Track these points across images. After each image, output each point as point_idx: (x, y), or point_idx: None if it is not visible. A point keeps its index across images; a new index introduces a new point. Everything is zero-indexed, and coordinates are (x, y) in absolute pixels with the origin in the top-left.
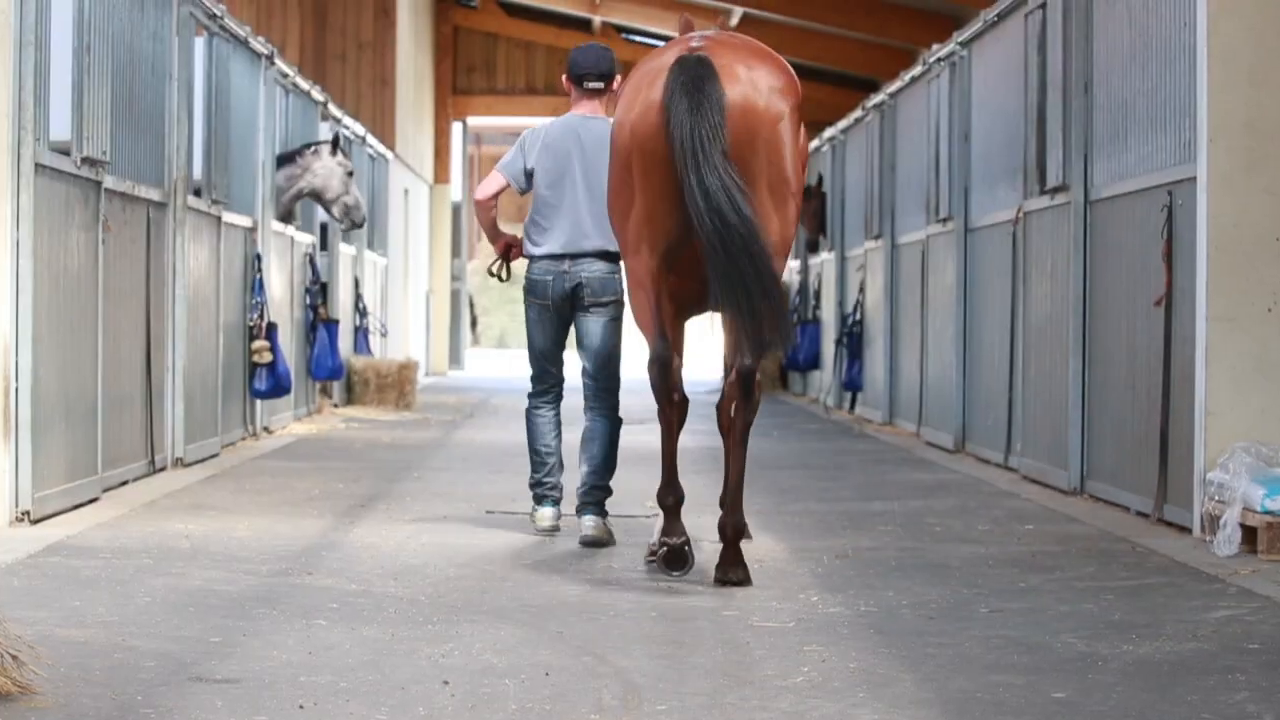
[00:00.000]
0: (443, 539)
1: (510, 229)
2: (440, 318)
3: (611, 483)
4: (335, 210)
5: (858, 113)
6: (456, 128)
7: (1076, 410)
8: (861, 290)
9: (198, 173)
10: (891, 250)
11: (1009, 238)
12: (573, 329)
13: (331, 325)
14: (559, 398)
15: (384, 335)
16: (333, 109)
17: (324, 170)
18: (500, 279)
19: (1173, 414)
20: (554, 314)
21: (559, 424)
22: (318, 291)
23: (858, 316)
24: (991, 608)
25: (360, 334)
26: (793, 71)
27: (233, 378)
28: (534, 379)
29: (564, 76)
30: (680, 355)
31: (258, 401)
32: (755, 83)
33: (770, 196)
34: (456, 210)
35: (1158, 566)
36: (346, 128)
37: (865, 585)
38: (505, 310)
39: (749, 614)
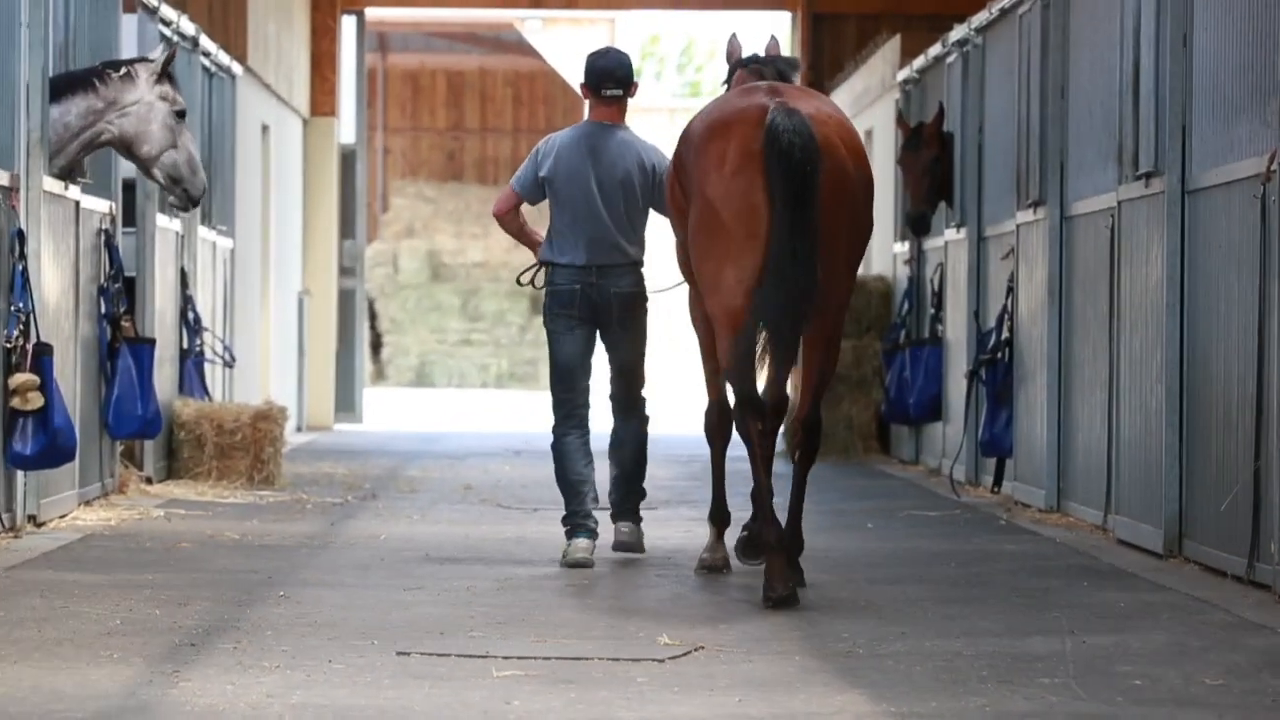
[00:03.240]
0: (328, 699)
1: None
2: (322, 336)
3: (645, 484)
4: (157, 173)
5: (1005, 1)
6: (347, 26)
7: None
8: (1010, 292)
9: None
10: (1060, 226)
11: (1253, 203)
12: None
13: (142, 349)
14: (585, 422)
15: (229, 365)
16: None
17: (140, 108)
18: (535, 286)
19: None
20: (579, 323)
21: (589, 451)
22: (119, 293)
23: (1005, 335)
24: None
25: (190, 363)
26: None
27: None
28: (557, 404)
29: (580, 84)
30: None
31: (19, 473)
32: (843, 146)
33: (847, 261)
34: (349, 161)
35: None
36: (174, 31)
37: None
38: (427, 323)
39: None
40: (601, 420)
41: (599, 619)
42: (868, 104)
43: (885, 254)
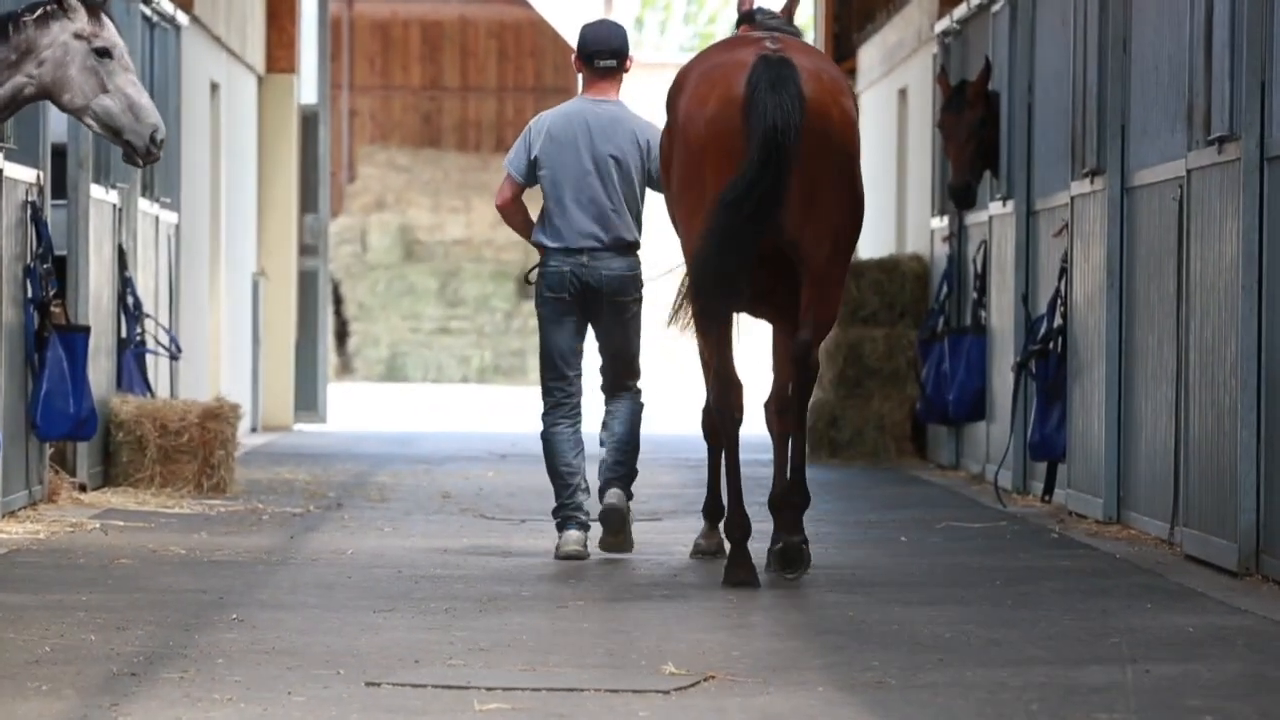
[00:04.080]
0: None
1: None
2: (280, 324)
3: (637, 465)
4: (91, 124)
5: None
6: None
7: None
8: (1064, 274)
9: None
10: (1121, 198)
11: None
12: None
13: (75, 338)
14: (576, 411)
15: (174, 357)
16: None
17: (54, 51)
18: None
19: None
20: (570, 307)
21: (580, 441)
22: (48, 275)
23: (1057, 323)
24: None
25: (129, 355)
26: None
27: None
28: (546, 392)
29: (573, 56)
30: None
31: None
32: (832, 88)
33: (849, 195)
34: (310, 124)
35: None
36: None
37: None
38: (400, 308)
39: None
40: (593, 415)
41: (595, 644)
42: (902, 59)
43: (922, 230)
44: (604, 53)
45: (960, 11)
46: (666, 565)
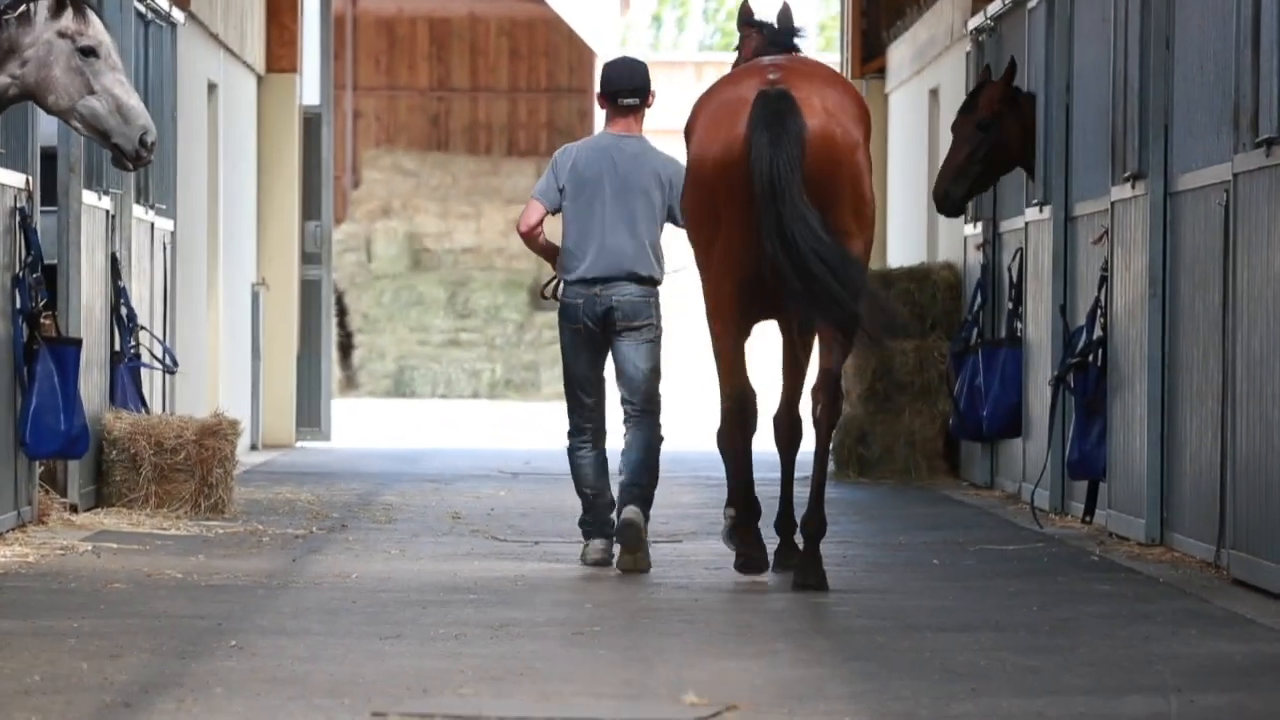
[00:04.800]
0: None
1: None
2: (281, 337)
3: (654, 493)
4: (78, 126)
5: None
6: None
7: None
8: (1104, 283)
9: None
10: (1164, 203)
11: None
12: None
13: (65, 351)
14: (600, 433)
15: (170, 371)
16: None
17: (37, 50)
18: (558, 299)
19: None
20: (588, 338)
21: (603, 461)
22: (37, 285)
23: (1097, 334)
24: None
25: (123, 369)
26: (862, 97)
27: None
28: (571, 413)
29: (596, 93)
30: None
31: None
32: (833, 113)
33: (853, 218)
34: (312, 126)
35: None
36: None
37: None
38: (407, 320)
39: None
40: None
41: (612, 672)
42: (933, 57)
43: (954, 237)
44: (626, 91)
45: (995, 7)
46: (687, 588)
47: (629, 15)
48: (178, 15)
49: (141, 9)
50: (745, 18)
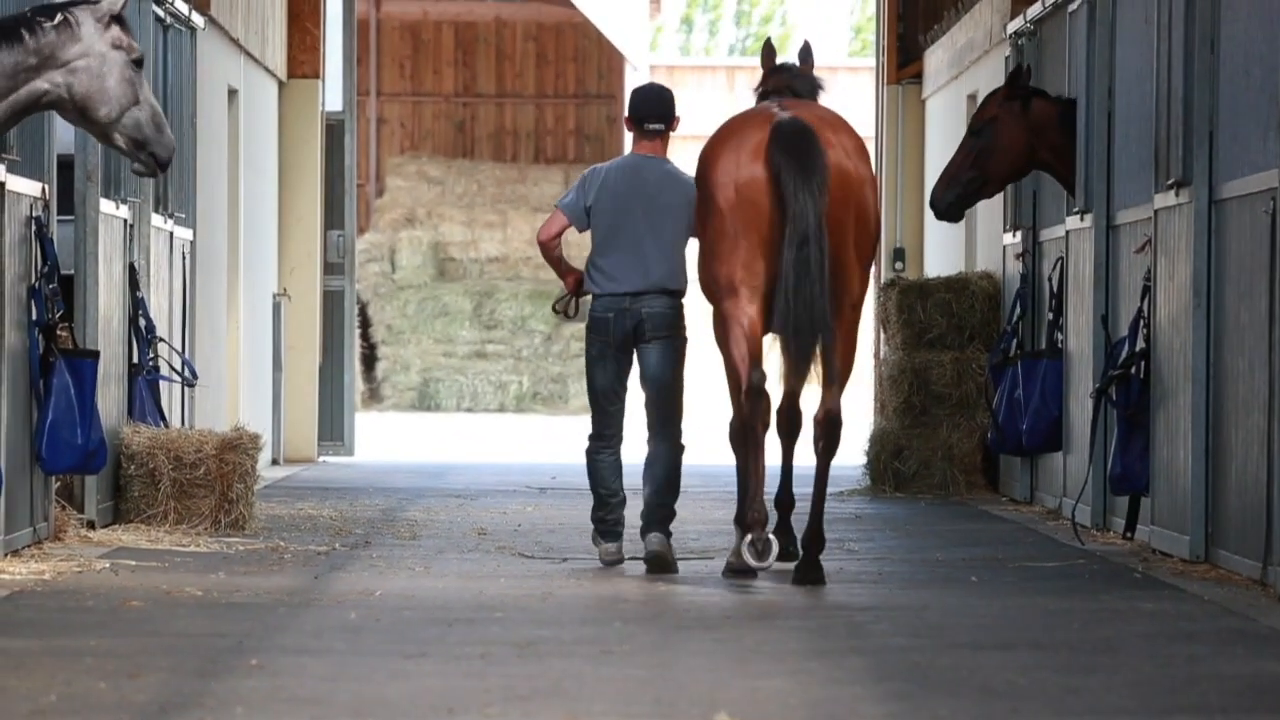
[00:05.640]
0: None
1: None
2: (303, 349)
3: (676, 505)
4: (118, 138)
5: None
6: None
7: None
8: (1147, 293)
9: None
10: (1209, 211)
11: None
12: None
13: (83, 364)
14: (618, 439)
15: (190, 384)
16: None
17: (91, 61)
18: (568, 316)
19: None
20: (616, 351)
21: (619, 465)
22: (53, 296)
23: (1140, 345)
24: None
25: (142, 382)
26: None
27: None
28: (594, 422)
29: (624, 116)
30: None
31: None
32: (845, 147)
33: (857, 255)
34: (335, 133)
35: None
36: None
37: None
38: (432, 331)
39: None
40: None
41: (642, 691)
42: (971, 61)
43: (993, 246)
44: (654, 117)
45: (1034, 10)
46: (718, 606)
47: (659, 19)
48: (198, 20)
49: (161, 13)
50: (768, 58)
